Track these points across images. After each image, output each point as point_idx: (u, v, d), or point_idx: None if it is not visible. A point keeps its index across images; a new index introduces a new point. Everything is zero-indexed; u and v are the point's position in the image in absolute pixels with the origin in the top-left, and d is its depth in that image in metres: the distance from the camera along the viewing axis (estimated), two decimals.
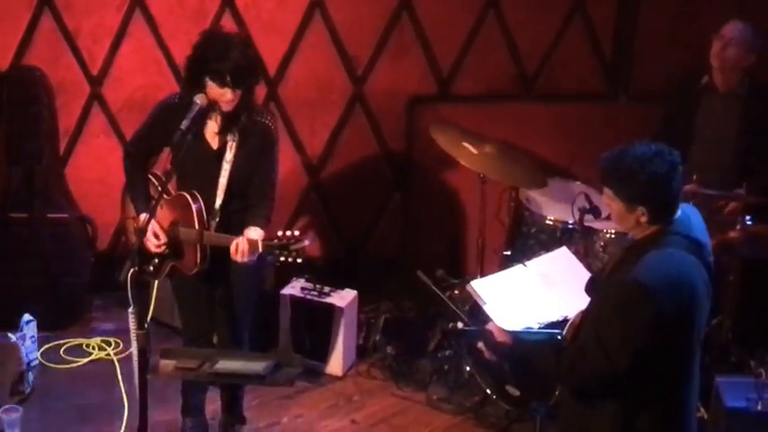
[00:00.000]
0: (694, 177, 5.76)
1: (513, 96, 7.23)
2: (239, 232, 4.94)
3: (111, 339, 6.48)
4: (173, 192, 5.14)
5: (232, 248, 4.87)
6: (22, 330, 6.02)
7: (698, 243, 3.89)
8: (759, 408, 5.16)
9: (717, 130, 6.15)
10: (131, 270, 4.46)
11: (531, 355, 4.16)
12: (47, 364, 6.26)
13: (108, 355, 6.37)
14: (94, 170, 6.94)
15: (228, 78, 4.83)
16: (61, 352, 6.41)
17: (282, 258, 4.75)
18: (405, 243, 7.35)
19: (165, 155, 5.18)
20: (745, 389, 5.24)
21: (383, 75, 7.10)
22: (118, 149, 6.85)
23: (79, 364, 6.33)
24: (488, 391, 5.85)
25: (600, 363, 3.79)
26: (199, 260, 5.03)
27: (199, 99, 4.89)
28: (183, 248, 5.09)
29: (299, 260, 4.75)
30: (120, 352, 6.33)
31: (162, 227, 5.08)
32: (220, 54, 4.86)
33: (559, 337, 4.15)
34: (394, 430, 5.92)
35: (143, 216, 5.04)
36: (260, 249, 4.81)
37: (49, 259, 6.62)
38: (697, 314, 3.86)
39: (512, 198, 6.45)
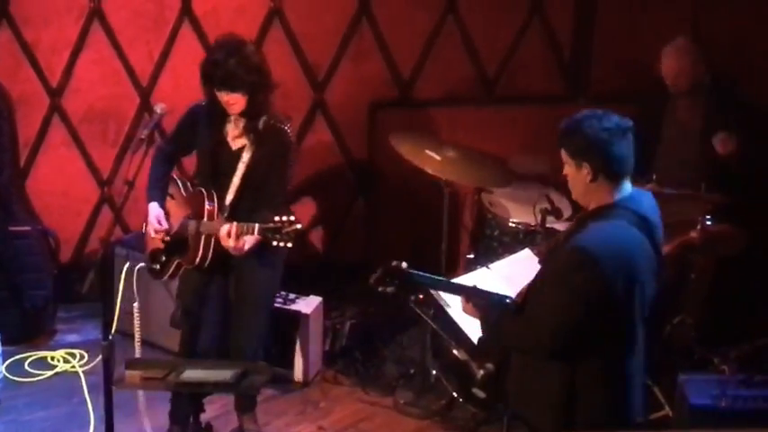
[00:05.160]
0: (654, 177, 5.81)
1: (473, 100, 7.27)
2: None
3: (76, 351, 6.45)
4: (190, 188, 5.42)
5: (223, 232, 5.04)
6: None
7: (645, 219, 4.00)
8: (723, 404, 5.20)
9: (680, 128, 6.22)
10: (139, 266, 4.94)
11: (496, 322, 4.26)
12: (11, 377, 6.22)
13: (73, 367, 6.34)
14: (56, 182, 6.91)
15: (221, 82, 5.10)
16: (26, 365, 6.37)
17: (275, 243, 4.91)
18: (369, 248, 7.37)
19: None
20: (709, 386, 5.27)
21: (344, 81, 7.13)
22: (79, 161, 6.87)
23: (44, 377, 6.30)
24: (455, 394, 5.87)
25: (532, 330, 3.99)
26: (201, 252, 5.20)
27: (159, 108, 5.01)
28: (188, 242, 5.26)
29: (289, 244, 4.92)
30: (86, 364, 6.31)
31: (174, 220, 5.32)
32: (216, 60, 5.12)
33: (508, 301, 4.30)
34: None
35: (152, 205, 5.30)
36: (256, 232, 4.96)
37: (11, 272, 6.58)
38: (637, 286, 3.95)
39: (475, 201, 6.48)
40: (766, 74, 6.81)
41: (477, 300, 4.32)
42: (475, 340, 4.57)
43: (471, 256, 6.31)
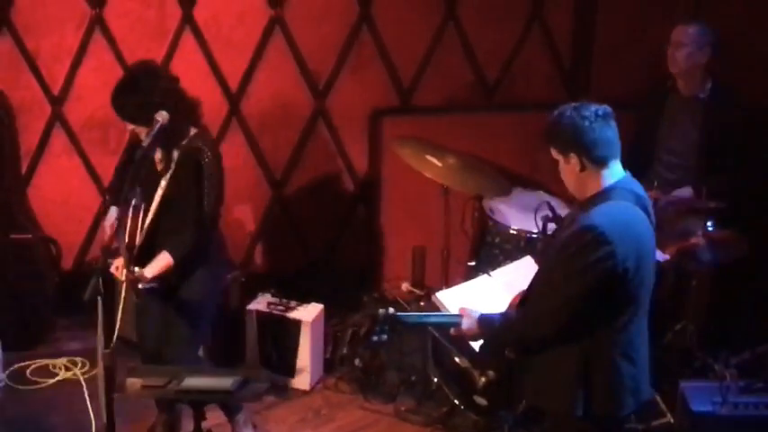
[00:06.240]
0: (655, 184, 5.81)
1: (474, 107, 7.27)
2: (158, 251, 5.15)
3: (78, 359, 6.45)
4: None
5: (113, 265, 5.14)
6: None
7: (641, 198, 4.11)
8: (724, 411, 5.20)
9: (680, 132, 6.20)
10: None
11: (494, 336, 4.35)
12: (13, 385, 6.23)
13: (74, 375, 6.35)
14: (57, 190, 6.91)
15: (115, 111, 5.11)
16: (27, 373, 6.37)
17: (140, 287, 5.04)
18: (369, 256, 7.37)
19: None
20: (710, 392, 5.27)
21: (345, 88, 7.13)
22: (80, 169, 6.87)
23: (46, 384, 6.30)
24: (456, 401, 5.86)
25: (535, 317, 4.10)
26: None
27: (160, 117, 4.97)
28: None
29: (136, 299, 5.11)
30: (87, 372, 6.31)
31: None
32: (114, 90, 5.10)
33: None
34: None
35: (111, 209, 5.38)
36: (122, 276, 5.01)
37: (13, 280, 6.58)
38: (644, 262, 4.03)
39: (476, 208, 6.48)
40: (767, 76, 6.82)
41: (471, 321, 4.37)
42: (476, 347, 4.57)
43: (472, 263, 6.30)
